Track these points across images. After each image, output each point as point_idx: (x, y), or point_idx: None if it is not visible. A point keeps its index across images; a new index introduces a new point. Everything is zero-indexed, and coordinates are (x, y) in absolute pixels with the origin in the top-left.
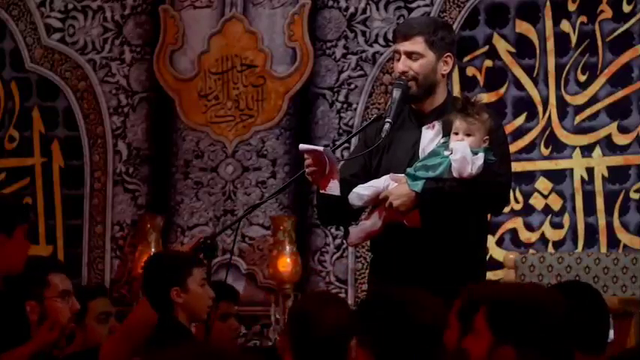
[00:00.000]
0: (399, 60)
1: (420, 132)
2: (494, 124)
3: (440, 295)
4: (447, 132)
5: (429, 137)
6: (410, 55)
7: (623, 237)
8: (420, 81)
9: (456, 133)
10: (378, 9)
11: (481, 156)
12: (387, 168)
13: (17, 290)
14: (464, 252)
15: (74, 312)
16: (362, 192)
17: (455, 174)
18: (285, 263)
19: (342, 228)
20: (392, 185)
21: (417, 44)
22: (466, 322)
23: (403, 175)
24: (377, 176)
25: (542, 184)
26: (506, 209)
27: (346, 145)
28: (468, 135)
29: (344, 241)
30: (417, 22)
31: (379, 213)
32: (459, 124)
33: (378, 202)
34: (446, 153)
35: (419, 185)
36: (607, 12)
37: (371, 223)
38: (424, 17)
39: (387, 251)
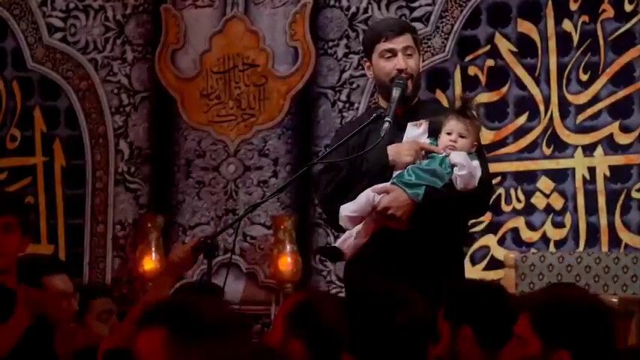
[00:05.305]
0: (390, 58)
1: (401, 130)
2: None
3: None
4: (432, 131)
5: (414, 135)
6: (406, 50)
7: (625, 236)
8: (414, 79)
9: (449, 133)
10: (379, 8)
11: (477, 165)
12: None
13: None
14: (443, 251)
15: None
16: (352, 214)
17: (459, 186)
18: (286, 262)
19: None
20: (378, 198)
21: (410, 40)
22: (456, 325)
23: (387, 183)
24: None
25: (544, 183)
26: (508, 208)
27: None
28: (462, 137)
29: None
30: (400, 20)
31: (368, 225)
32: (454, 124)
33: (370, 214)
34: (447, 164)
35: (420, 195)
36: (609, 11)
37: (362, 237)
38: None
39: (365, 251)
